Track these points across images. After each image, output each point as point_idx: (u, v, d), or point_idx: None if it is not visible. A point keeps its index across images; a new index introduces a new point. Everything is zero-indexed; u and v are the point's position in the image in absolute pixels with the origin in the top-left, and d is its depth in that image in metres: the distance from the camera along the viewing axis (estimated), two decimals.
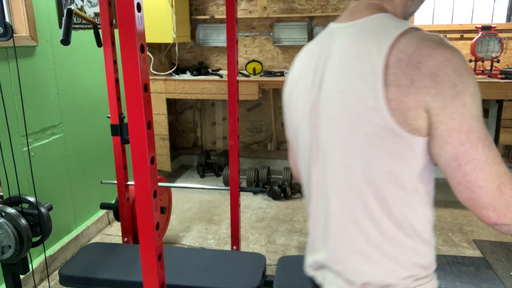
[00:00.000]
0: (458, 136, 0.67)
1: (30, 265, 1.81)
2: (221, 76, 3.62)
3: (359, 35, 0.77)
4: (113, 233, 2.98)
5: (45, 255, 1.95)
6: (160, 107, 3.62)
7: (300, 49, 3.31)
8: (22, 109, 2.16)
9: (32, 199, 1.70)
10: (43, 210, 1.69)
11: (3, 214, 1.60)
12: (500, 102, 3.22)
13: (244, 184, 3.71)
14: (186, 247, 2.80)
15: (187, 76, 3.70)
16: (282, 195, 3.52)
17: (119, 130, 2.23)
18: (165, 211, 2.81)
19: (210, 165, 4.16)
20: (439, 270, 2.44)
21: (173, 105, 4.28)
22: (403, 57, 0.68)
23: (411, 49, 0.68)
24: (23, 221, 1.60)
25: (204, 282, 1.80)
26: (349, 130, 0.75)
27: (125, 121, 2.23)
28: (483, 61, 3.33)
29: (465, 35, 3.57)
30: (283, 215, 3.24)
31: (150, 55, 3.65)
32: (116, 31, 2.30)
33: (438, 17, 3.76)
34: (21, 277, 1.93)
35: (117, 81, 2.18)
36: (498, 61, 3.33)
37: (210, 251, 2.17)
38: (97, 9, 2.88)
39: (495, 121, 3.29)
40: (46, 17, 2.42)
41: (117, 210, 2.45)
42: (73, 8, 2.00)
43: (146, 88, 0.99)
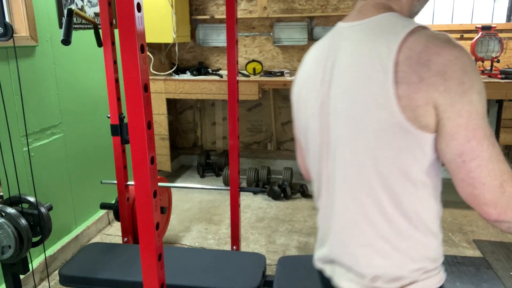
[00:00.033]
0: (464, 132, 0.69)
1: (30, 265, 1.81)
2: (221, 76, 3.62)
3: (367, 33, 0.78)
4: (113, 233, 2.98)
5: (45, 255, 1.95)
6: (160, 107, 3.62)
7: (300, 49, 3.32)
8: (22, 109, 2.16)
9: (32, 199, 1.70)
10: (43, 210, 1.69)
11: (3, 214, 1.60)
12: (500, 102, 3.22)
13: (244, 184, 3.71)
14: (186, 247, 2.80)
15: (187, 76, 3.70)
16: (282, 195, 3.52)
17: (119, 130, 2.23)
18: (165, 211, 2.81)
19: (210, 165, 4.16)
20: None
21: (173, 105, 4.28)
22: (412, 55, 0.70)
23: (420, 47, 0.70)
24: (23, 221, 1.60)
25: (204, 282, 1.80)
26: (360, 127, 0.76)
27: (125, 121, 2.23)
28: (483, 61, 3.33)
29: (465, 35, 3.57)
30: (283, 215, 3.24)
31: (150, 55, 3.65)
32: (116, 31, 2.30)
33: (438, 17, 3.76)
34: (21, 277, 1.93)
35: (117, 81, 2.18)
36: (498, 61, 3.33)
37: (210, 251, 2.17)
38: (97, 9, 2.88)
39: (495, 121, 3.29)
40: (46, 17, 2.42)
41: (117, 210, 2.45)
42: (73, 8, 2.00)
43: (146, 88, 0.99)
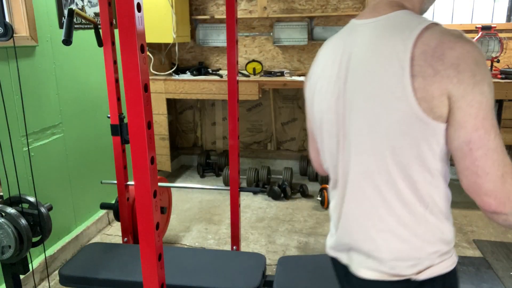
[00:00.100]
0: (474, 122, 0.72)
1: (30, 265, 1.81)
2: (221, 76, 3.62)
3: (383, 30, 0.82)
4: (113, 233, 2.98)
5: (45, 255, 1.95)
6: (160, 107, 3.62)
7: (300, 49, 3.31)
8: (22, 109, 2.16)
9: (32, 199, 1.70)
10: (43, 210, 1.69)
11: (3, 214, 1.60)
12: (500, 102, 3.22)
13: (244, 184, 3.71)
14: (186, 247, 2.80)
15: (187, 76, 3.70)
16: (282, 195, 3.52)
17: (119, 130, 2.23)
18: (165, 211, 2.81)
19: (210, 165, 4.16)
20: None
21: (173, 105, 4.28)
22: (427, 50, 0.74)
23: (435, 42, 0.74)
24: (23, 221, 1.60)
25: (204, 282, 1.80)
26: (378, 118, 0.80)
27: (125, 121, 2.23)
28: None
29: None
30: (283, 215, 3.24)
31: (150, 55, 3.65)
32: (116, 31, 2.30)
33: (438, 17, 3.76)
34: (21, 277, 1.93)
35: (117, 81, 2.18)
36: (498, 61, 3.33)
37: (210, 251, 2.17)
38: (97, 9, 2.89)
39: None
40: (46, 17, 2.42)
41: (117, 210, 2.45)
42: (74, 8, 2.00)
43: (146, 88, 0.99)
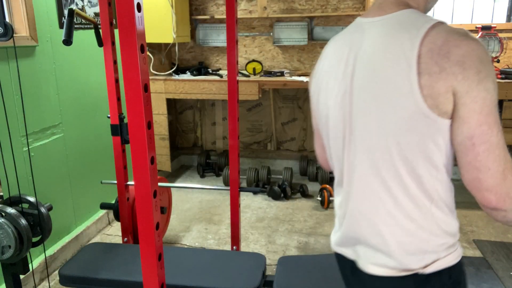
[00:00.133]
0: (477, 117, 0.74)
1: (30, 265, 1.81)
2: (221, 76, 3.62)
3: (389, 28, 0.84)
4: (113, 233, 2.98)
5: (45, 255, 1.95)
6: (160, 107, 3.62)
7: (300, 49, 3.32)
8: (22, 109, 2.16)
9: (32, 199, 1.70)
10: (43, 210, 1.69)
11: (3, 214, 1.60)
12: (500, 102, 3.22)
13: (244, 184, 3.71)
14: (186, 247, 2.80)
15: (187, 76, 3.70)
16: (282, 195, 3.52)
17: (119, 130, 2.23)
18: (165, 211, 2.81)
19: (210, 165, 4.16)
20: None
21: (173, 105, 4.28)
22: (433, 48, 0.76)
23: (441, 40, 0.76)
24: (23, 221, 1.60)
25: (204, 282, 1.80)
26: (385, 115, 0.82)
27: (125, 121, 2.23)
28: None
29: None
30: (283, 215, 3.24)
31: (150, 55, 3.65)
32: (116, 31, 2.30)
33: (438, 17, 3.76)
34: (21, 277, 1.93)
35: (117, 81, 2.18)
36: (498, 61, 3.33)
37: (210, 251, 2.17)
38: (97, 9, 2.89)
39: None
40: (46, 17, 2.42)
41: (117, 210, 2.45)
42: (74, 8, 2.00)
43: (146, 88, 0.99)
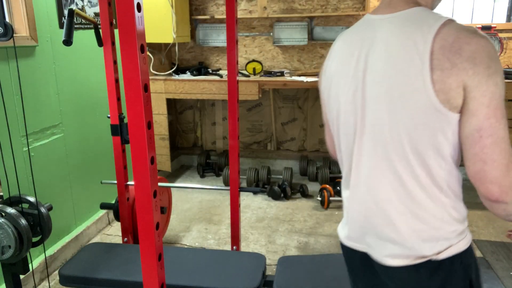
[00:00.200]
0: (486, 110, 0.77)
1: (30, 265, 1.81)
2: (221, 76, 3.62)
3: (401, 25, 0.87)
4: (113, 233, 2.98)
5: (45, 255, 1.95)
6: (160, 107, 3.62)
7: (300, 49, 3.32)
8: (22, 109, 2.16)
9: (32, 199, 1.70)
10: (43, 210, 1.69)
11: (3, 214, 1.60)
12: None
13: (244, 184, 3.71)
14: (186, 247, 2.80)
15: (187, 76, 3.70)
16: (282, 195, 3.52)
17: (119, 130, 2.23)
18: (165, 211, 2.81)
19: (210, 165, 4.16)
20: None
21: (173, 105, 4.28)
22: (445, 45, 0.79)
23: (452, 38, 0.80)
24: (23, 221, 1.60)
25: (204, 282, 1.80)
26: (397, 109, 0.85)
27: (125, 121, 2.23)
28: None
29: None
30: (283, 215, 3.24)
31: (150, 55, 3.65)
32: (116, 31, 2.30)
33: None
34: (21, 277, 1.93)
35: (117, 81, 2.18)
36: None
37: (210, 251, 2.17)
38: (97, 9, 2.89)
39: None
40: (46, 17, 2.42)
41: (117, 210, 2.45)
42: (74, 8, 2.00)
43: (146, 88, 0.99)
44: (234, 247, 2.26)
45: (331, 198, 3.32)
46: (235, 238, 2.25)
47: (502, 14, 3.66)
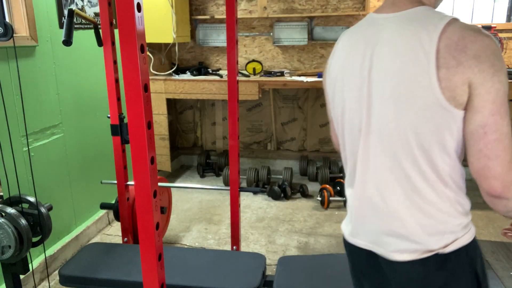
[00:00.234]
0: (491, 107, 0.79)
1: (30, 265, 1.81)
2: (221, 76, 3.62)
3: (407, 24, 0.89)
4: (113, 233, 2.98)
5: (45, 255, 1.95)
6: (160, 107, 3.62)
7: (300, 49, 3.32)
8: (22, 109, 2.16)
9: (32, 199, 1.70)
10: (43, 210, 1.69)
11: (3, 214, 1.60)
12: None
13: (244, 184, 3.71)
14: (186, 247, 2.80)
15: (187, 76, 3.70)
16: (282, 195, 3.52)
17: (119, 130, 2.23)
18: (165, 211, 2.81)
19: (210, 165, 4.16)
20: None
21: (173, 105, 4.28)
22: (451, 44, 0.81)
23: (457, 36, 0.81)
24: (23, 221, 1.61)
25: (204, 282, 1.80)
26: (404, 107, 0.86)
27: (125, 121, 2.23)
28: None
29: None
30: (283, 215, 3.24)
31: (150, 55, 3.65)
32: (116, 31, 2.30)
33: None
34: (21, 277, 1.93)
35: (117, 81, 2.18)
36: None
37: (210, 251, 2.17)
38: (97, 9, 2.89)
39: None
40: (46, 17, 2.42)
41: (117, 210, 2.45)
42: (74, 8, 2.00)
43: (146, 88, 0.99)
44: (234, 247, 2.26)
45: (331, 198, 3.32)
46: (235, 238, 2.25)
47: (502, 14, 3.66)
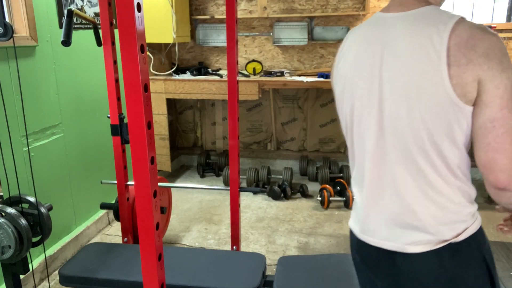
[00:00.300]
0: (499, 101, 0.82)
1: (30, 265, 1.81)
2: (221, 76, 3.62)
3: (417, 23, 0.91)
4: (113, 233, 2.98)
5: (45, 255, 1.95)
6: (160, 107, 3.62)
7: (300, 49, 3.32)
8: (22, 109, 2.16)
9: (32, 199, 1.70)
10: (43, 210, 1.69)
11: (3, 214, 1.60)
12: None
13: (244, 184, 3.71)
14: (186, 247, 2.80)
15: (187, 76, 3.70)
16: (282, 195, 3.52)
17: (119, 130, 2.23)
18: (165, 211, 2.81)
19: (210, 165, 4.16)
20: None
21: (173, 105, 4.28)
22: (460, 42, 0.84)
23: (466, 35, 0.84)
24: (23, 221, 1.61)
25: (204, 282, 1.80)
26: (415, 103, 0.89)
27: (125, 121, 2.23)
28: None
29: None
30: (283, 215, 3.24)
31: (150, 55, 3.65)
32: (116, 31, 2.30)
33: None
34: (21, 277, 1.93)
35: (117, 81, 2.18)
36: None
37: (210, 251, 2.17)
38: (97, 9, 2.89)
39: None
40: (46, 17, 2.42)
41: (117, 210, 2.45)
42: (73, 8, 2.00)
43: (146, 88, 0.99)
44: (234, 247, 2.26)
45: (331, 198, 3.32)
46: (235, 238, 2.25)
47: (502, 14, 3.66)
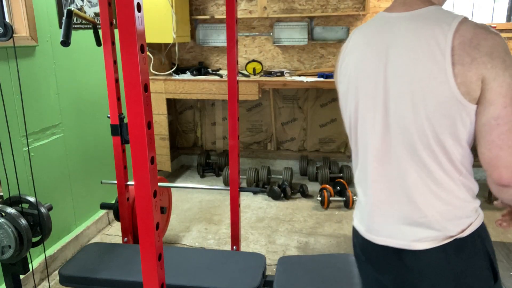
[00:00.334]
0: (503, 99, 0.83)
1: (30, 265, 1.81)
2: (221, 76, 3.62)
3: (421, 23, 0.93)
4: (113, 233, 2.98)
5: (45, 255, 1.95)
6: (160, 107, 3.62)
7: (300, 49, 3.32)
8: (22, 109, 2.16)
9: (32, 199, 1.70)
10: (43, 210, 1.69)
11: (3, 214, 1.60)
12: None
13: (244, 184, 3.71)
14: (186, 247, 2.80)
15: (187, 76, 3.70)
16: (282, 195, 3.52)
17: (119, 130, 2.23)
18: (165, 211, 2.81)
19: (210, 165, 4.16)
20: None
21: (173, 105, 4.28)
22: (464, 41, 0.86)
23: (470, 34, 0.86)
24: (23, 221, 1.60)
25: (204, 282, 1.80)
26: (421, 101, 0.90)
27: (125, 121, 2.23)
28: None
29: None
30: (283, 215, 3.24)
31: (150, 55, 3.65)
32: (116, 31, 2.30)
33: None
34: (21, 277, 1.93)
35: (117, 81, 2.18)
36: None
37: (210, 251, 2.17)
38: (97, 9, 2.89)
39: None
40: (46, 17, 2.42)
41: (117, 210, 2.45)
42: (73, 8, 2.00)
43: (146, 88, 0.99)
44: (234, 247, 2.26)
45: (331, 198, 3.32)
46: (235, 238, 2.25)
47: (502, 14, 3.66)
